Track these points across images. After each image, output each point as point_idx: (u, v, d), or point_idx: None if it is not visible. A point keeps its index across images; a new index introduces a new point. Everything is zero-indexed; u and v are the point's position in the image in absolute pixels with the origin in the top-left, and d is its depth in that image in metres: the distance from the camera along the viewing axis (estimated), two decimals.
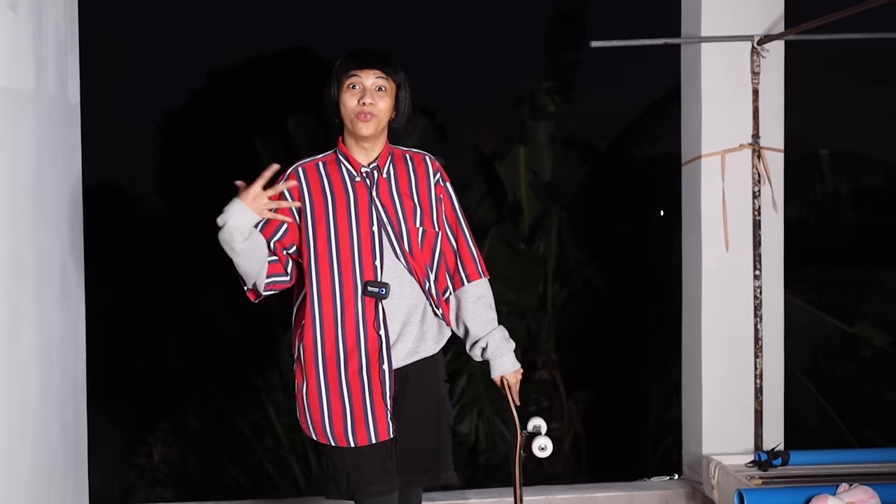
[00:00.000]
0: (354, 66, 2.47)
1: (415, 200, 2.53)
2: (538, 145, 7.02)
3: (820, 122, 9.47)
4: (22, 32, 2.81)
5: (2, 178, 2.62)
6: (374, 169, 2.52)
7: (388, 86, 2.48)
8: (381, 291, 2.44)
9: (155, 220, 13.91)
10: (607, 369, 7.43)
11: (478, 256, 2.65)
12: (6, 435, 2.65)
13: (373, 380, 2.46)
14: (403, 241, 2.49)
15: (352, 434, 2.46)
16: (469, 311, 2.62)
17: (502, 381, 2.64)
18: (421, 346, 2.53)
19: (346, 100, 2.47)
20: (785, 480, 3.31)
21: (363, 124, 2.45)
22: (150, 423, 7.99)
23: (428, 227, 2.53)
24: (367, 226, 2.47)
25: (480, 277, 2.63)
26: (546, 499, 3.72)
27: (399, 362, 2.50)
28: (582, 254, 7.32)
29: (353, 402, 2.46)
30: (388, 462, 2.48)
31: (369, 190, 2.50)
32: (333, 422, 2.47)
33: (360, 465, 2.46)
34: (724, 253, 3.72)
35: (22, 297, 2.78)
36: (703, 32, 3.71)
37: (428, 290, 2.53)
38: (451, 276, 2.61)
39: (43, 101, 3.01)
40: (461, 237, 2.63)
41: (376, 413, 2.46)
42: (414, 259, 2.50)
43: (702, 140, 3.73)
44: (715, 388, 3.76)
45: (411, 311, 2.51)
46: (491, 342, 2.61)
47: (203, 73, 15.18)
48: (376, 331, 2.46)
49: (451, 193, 2.63)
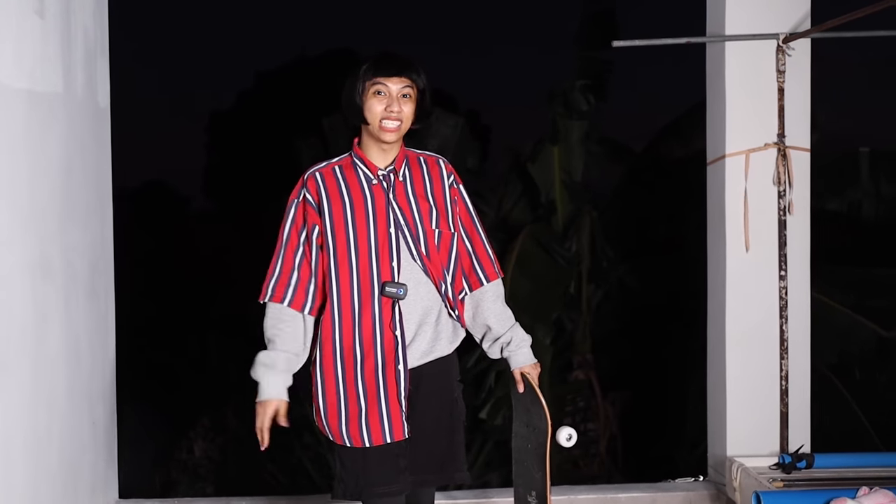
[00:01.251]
0: (381, 74, 2.49)
1: (430, 202, 2.56)
2: (571, 145, 7.00)
3: (864, 120, 9.30)
4: (50, 38, 2.89)
5: (30, 179, 2.71)
6: (390, 172, 2.55)
7: (412, 92, 2.51)
8: (399, 292, 2.47)
9: (201, 219, 14.11)
10: (644, 370, 7.38)
11: (493, 256, 2.69)
12: (33, 430, 2.73)
13: (388, 379, 2.49)
14: (420, 243, 2.52)
15: (367, 434, 2.48)
16: (490, 310, 2.65)
17: (522, 375, 2.67)
18: (436, 346, 2.56)
19: (372, 105, 2.49)
20: (807, 483, 3.27)
21: (389, 133, 2.49)
22: (191, 419, 8.13)
23: (444, 229, 2.56)
24: (384, 228, 2.50)
25: (497, 277, 2.68)
26: (569, 499, 3.72)
27: (414, 362, 2.52)
28: (616, 254, 7.29)
29: (368, 401, 2.48)
30: (400, 462, 2.50)
31: (386, 192, 2.53)
32: (349, 421, 2.49)
33: (370, 466, 2.48)
34: (749, 253, 3.68)
35: (49, 297, 2.87)
36: (727, 31, 3.68)
37: (444, 292, 2.56)
38: (468, 277, 2.64)
39: (72, 104, 3.10)
40: (476, 238, 2.66)
41: (391, 413, 2.48)
42: (430, 261, 2.53)
43: (726, 139, 3.70)
44: (739, 390, 3.72)
45: (427, 312, 2.54)
46: (515, 337, 2.65)
47: (250, 75, 15.35)
48: (392, 331, 2.49)
49: (464, 195, 2.66)
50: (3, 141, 2.51)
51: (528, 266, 6.38)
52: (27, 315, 2.67)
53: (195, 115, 13.79)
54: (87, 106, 3.26)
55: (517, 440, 2.76)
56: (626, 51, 3.89)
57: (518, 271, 6.29)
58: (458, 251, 2.61)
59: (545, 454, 2.62)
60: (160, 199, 13.39)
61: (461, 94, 11.97)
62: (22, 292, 2.63)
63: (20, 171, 2.64)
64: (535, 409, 2.65)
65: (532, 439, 2.68)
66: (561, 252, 6.84)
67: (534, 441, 2.67)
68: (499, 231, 7.30)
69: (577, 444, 7.46)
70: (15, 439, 2.58)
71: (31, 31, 2.73)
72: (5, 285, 2.52)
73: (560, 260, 6.84)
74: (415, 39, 14.55)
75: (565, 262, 6.91)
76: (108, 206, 3.53)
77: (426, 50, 14.35)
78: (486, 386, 6.44)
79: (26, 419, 2.67)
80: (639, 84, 11.52)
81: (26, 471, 2.68)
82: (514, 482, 2.79)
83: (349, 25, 15.00)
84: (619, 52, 4.02)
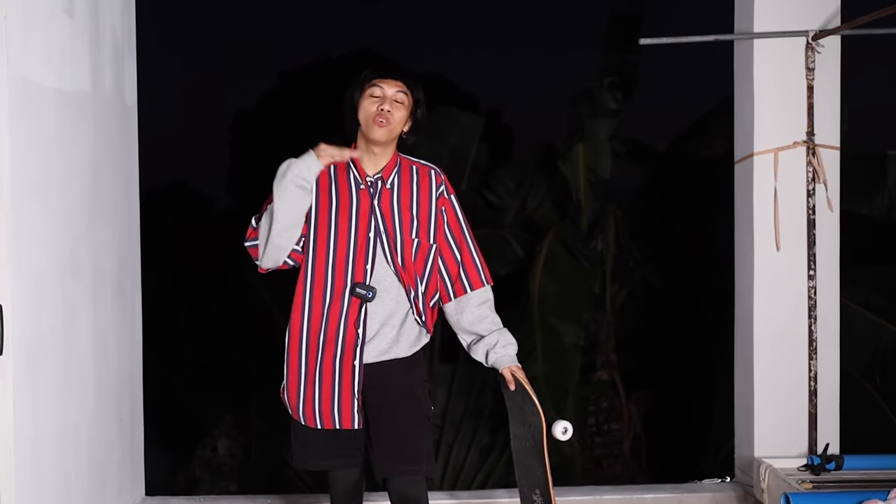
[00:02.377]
0: (378, 76, 2.65)
1: (413, 213, 2.69)
2: (598, 144, 6.98)
3: (891, 122, 9.18)
4: (78, 37, 2.91)
5: (59, 178, 2.73)
6: (378, 179, 2.69)
7: (406, 99, 2.66)
8: (368, 294, 2.62)
9: (225, 218, 14.17)
10: (668, 370, 7.34)
11: (481, 265, 2.79)
12: (63, 427, 2.75)
13: (344, 372, 2.65)
14: (396, 251, 2.65)
15: (319, 418, 2.66)
16: (474, 314, 2.76)
17: (513, 375, 2.72)
18: (394, 348, 2.68)
19: (366, 105, 2.64)
20: (837, 485, 3.24)
21: (378, 129, 2.62)
22: (214, 417, 8.16)
23: (423, 239, 2.69)
24: (364, 232, 2.65)
25: (483, 285, 2.77)
26: (594, 499, 3.71)
27: (370, 359, 2.66)
28: (641, 253, 7.26)
29: (322, 389, 2.66)
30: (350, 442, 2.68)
31: (371, 198, 2.67)
32: (305, 404, 2.67)
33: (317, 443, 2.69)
34: (777, 252, 3.65)
35: (78, 295, 2.88)
36: (755, 28, 3.65)
37: (413, 298, 2.69)
38: (454, 284, 2.75)
39: (100, 103, 3.12)
40: (464, 246, 2.76)
41: (342, 403, 2.65)
42: (404, 269, 2.66)
43: (754, 138, 3.67)
44: (767, 390, 3.69)
45: (391, 315, 2.67)
46: (501, 339, 2.73)
47: (274, 74, 15.38)
48: (355, 328, 2.64)
49: (454, 205, 2.77)
50: (36, 140, 2.53)
51: (554, 268, 6.37)
52: (57, 313, 2.69)
53: (219, 114, 13.80)
54: (114, 104, 3.28)
55: (515, 441, 2.79)
56: (651, 51, 3.87)
57: (546, 274, 6.28)
58: (443, 260, 2.73)
59: (543, 450, 2.67)
60: (184, 198, 13.45)
61: (482, 94, 11.94)
62: (52, 290, 2.65)
63: (52, 170, 2.66)
64: (528, 406, 2.70)
65: (529, 437, 2.72)
66: (585, 252, 6.82)
67: (530, 439, 2.72)
68: (523, 231, 7.28)
69: (600, 444, 7.46)
70: (46, 437, 2.60)
71: (60, 30, 2.74)
72: (37, 284, 2.53)
73: (584, 261, 6.82)
74: (437, 40, 14.53)
75: (589, 263, 6.88)
76: (135, 204, 3.55)
77: (448, 50, 14.32)
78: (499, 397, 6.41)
79: (57, 416, 2.69)
80: (663, 84, 11.45)
81: (56, 468, 2.69)
82: (517, 483, 2.80)
83: (371, 26, 15.00)
84: (644, 52, 4.00)
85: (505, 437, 6.53)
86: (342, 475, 2.75)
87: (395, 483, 2.69)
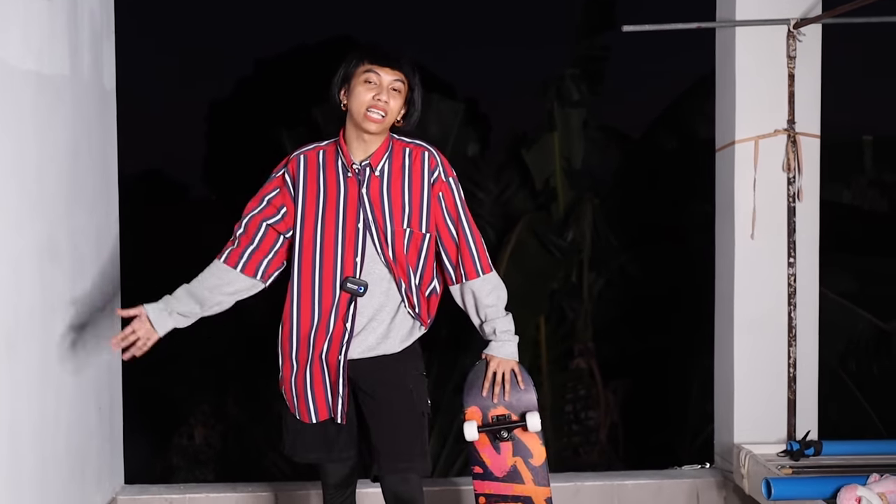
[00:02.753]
0: (376, 62, 2.47)
1: (404, 200, 2.54)
2: (570, 132, 6.97)
3: (867, 108, 9.23)
4: (57, 20, 2.86)
5: (38, 162, 2.68)
6: (366, 166, 2.53)
7: (403, 88, 2.50)
8: (360, 290, 2.51)
9: (199, 207, 14.07)
10: (645, 359, 7.37)
11: (480, 253, 2.64)
12: (41, 414, 2.71)
13: (330, 366, 2.57)
14: (387, 243, 2.52)
15: (314, 411, 2.59)
16: (477, 300, 2.64)
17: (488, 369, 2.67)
18: (383, 344, 2.57)
19: (360, 92, 2.46)
20: (816, 470, 3.27)
21: (372, 123, 2.47)
22: (191, 406, 8.11)
23: (415, 229, 2.55)
24: (353, 223, 2.51)
25: (478, 276, 2.63)
26: (575, 486, 3.72)
27: (357, 355, 2.56)
28: (618, 242, 7.27)
29: (314, 383, 2.58)
30: (341, 437, 2.62)
31: (359, 187, 2.53)
32: (298, 398, 2.60)
33: (303, 436, 2.62)
34: (758, 240, 3.67)
35: (56, 280, 2.84)
36: (737, 16, 3.65)
37: (406, 290, 2.56)
38: (454, 269, 2.63)
39: (78, 86, 3.07)
40: (462, 234, 2.61)
41: (332, 396, 2.58)
42: (396, 261, 2.53)
43: (735, 125, 3.68)
44: (747, 377, 3.71)
45: (380, 309, 2.55)
46: (497, 328, 2.65)
47: (250, 62, 15.27)
48: (344, 323, 2.53)
49: (453, 188, 2.61)
50: (12, 123, 2.49)
51: (521, 258, 6.37)
52: (35, 298, 2.65)
53: (195, 102, 13.71)
54: (93, 88, 3.24)
55: None
56: (626, 39, 3.87)
57: (511, 264, 6.27)
58: (443, 246, 2.61)
59: None
60: (159, 185, 13.34)
61: (459, 84, 11.93)
62: (31, 275, 2.61)
63: (29, 153, 2.61)
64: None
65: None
66: (557, 243, 6.81)
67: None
68: (499, 219, 7.28)
69: (578, 432, 7.48)
70: (24, 423, 2.57)
71: (38, 13, 2.69)
72: (15, 268, 2.50)
73: (556, 252, 6.81)
74: (414, 28, 14.49)
75: (561, 253, 6.87)
76: (113, 190, 3.50)
77: (426, 38, 14.30)
78: None
79: (35, 403, 2.66)
80: (637, 72, 11.48)
81: (35, 456, 2.66)
82: None
83: (349, 15, 14.96)
84: (614, 40, 4.00)
85: None
86: (331, 469, 2.68)
87: (387, 481, 2.59)
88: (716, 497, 3.74)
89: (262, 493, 3.61)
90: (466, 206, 2.65)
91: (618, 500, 3.70)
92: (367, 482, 2.82)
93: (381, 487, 2.62)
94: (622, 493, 3.70)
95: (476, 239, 2.63)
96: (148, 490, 3.63)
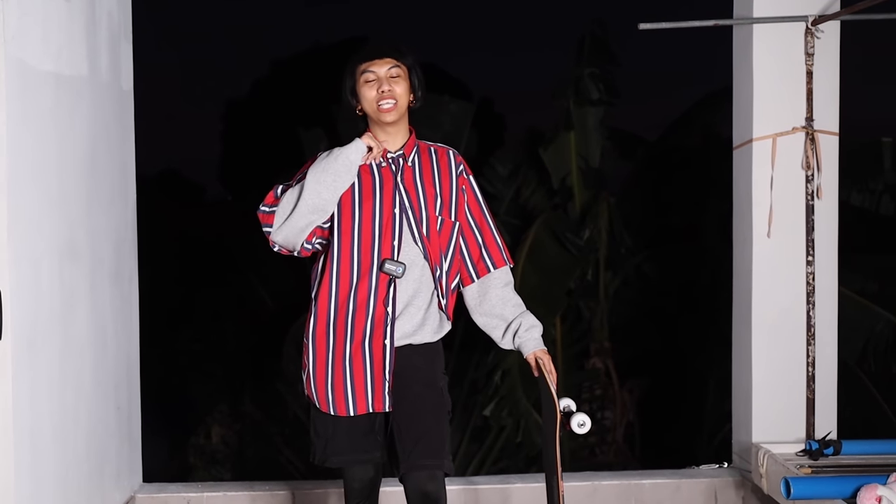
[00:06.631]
0: (367, 60, 2.61)
1: (436, 189, 2.66)
2: (587, 131, 6.95)
3: (887, 110, 9.19)
4: (75, 21, 2.88)
5: (57, 162, 2.70)
6: (399, 156, 2.66)
7: (401, 71, 2.61)
8: (398, 270, 2.56)
9: (216, 207, 14.12)
10: (662, 358, 7.35)
11: (502, 245, 2.75)
12: (61, 415, 2.73)
13: (375, 353, 2.57)
14: (422, 226, 2.61)
15: (352, 403, 2.57)
16: (499, 296, 2.71)
17: (536, 361, 2.69)
18: (420, 331, 2.62)
19: (365, 92, 2.60)
20: (835, 470, 3.25)
21: (387, 113, 2.59)
22: (208, 405, 8.14)
23: (446, 217, 2.66)
24: (389, 208, 2.61)
25: (505, 264, 2.74)
26: (592, 485, 3.71)
27: (398, 341, 2.59)
28: (634, 242, 7.25)
29: (354, 372, 2.57)
30: (371, 436, 2.59)
31: (394, 175, 2.64)
32: (335, 391, 2.58)
33: (334, 437, 2.60)
34: (776, 238, 3.65)
35: (76, 280, 2.86)
36: (755, 13, 3.63)
37: (438, 278, 2.64)
38: (476, 265, 2.71)
39: (97, 87, 3.09)
40: (485, 226, 2.73)
41: (375, 385, 2.57)
42: (430, 243, 2.62)
43: (753, 123, 3.66)
44: (765, 376, 3.69)
45: (416, 293, 2.61)
46: (524, 322, 2.70)
47: (266, 62, 15.30)
48: (385, 306, 2.58)
49: (473, 185, 2.75)
50: (33, 123, 2.50)
51: (539, 257, 6.36)
52: (55, 297, 2.67)
53: (212, 102, 13.76)
54: (111, 89, 3.26)
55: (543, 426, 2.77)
56: (639, 38, 3.85)
57: (528, 262, 6.27)
58: (464, 240, 2.69)
59: (554, 439, 2.63)
60: (176, 185, 13.40)
61: (474, 84, 11.91)
62: (50, 276, 2.63)
63: (48, 154, 2.63)
64: (545, 396, 2.68)
65: (546, 424, 2.69)
66: (574, 241, 6.80)
67: (546, 427, 2.69)
68: (516, 218, 7.27)
69: (594, 432, 7.45)
70: (44, 424, 2.58)
71: (57, 14, 2.71)
72: (36, 269, 2.51)
73: (572, 249, 6.79)
74: (430, 28, 14.49)
75: (577, 250, 6.86)
76: (131, 190, 3.52)
77: (441, 39, 14.30)
78: (492, 384, 6.42)
79: (55, 404, 2.67)
80: (654, 72, 11.46)
81: (56, 455, 2.68)
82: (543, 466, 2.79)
83: (365, 16, 14.97)
84: (632, 40, 3.98)
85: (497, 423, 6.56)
86: (358, 472, 2.64)
87: (413, 478, 2.56)
88: (734, 496, 3.73)
89: (278, 492, 3.62)
90: (486, 202, 2.76)
91: (635, 499, 3.69)
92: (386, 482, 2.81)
93: (404, 486, 2.59)
94: (640, 493, 3.69)
95: (499, 232, 2.75)
96: (166, 488, 3.65)
